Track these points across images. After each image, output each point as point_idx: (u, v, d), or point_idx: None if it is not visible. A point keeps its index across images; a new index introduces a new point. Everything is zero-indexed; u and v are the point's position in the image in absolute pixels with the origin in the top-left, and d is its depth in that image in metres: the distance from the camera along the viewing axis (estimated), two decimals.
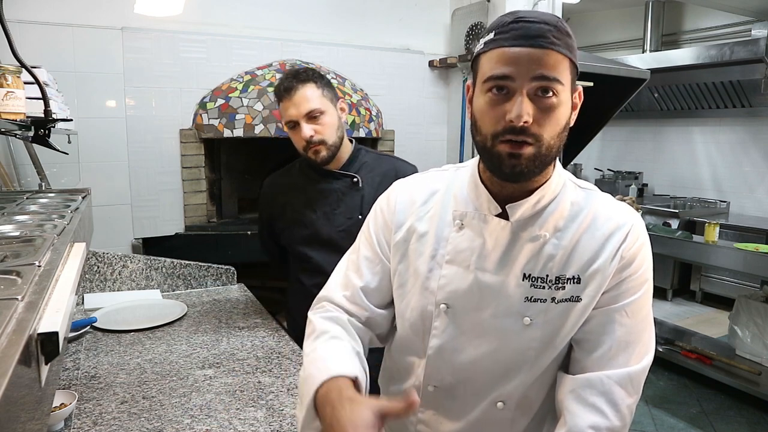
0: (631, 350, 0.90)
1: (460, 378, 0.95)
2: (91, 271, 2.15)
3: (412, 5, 3.25)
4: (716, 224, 3.19)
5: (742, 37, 4.77)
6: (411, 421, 1.02)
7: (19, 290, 0.58)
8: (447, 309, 0.94)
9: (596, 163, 6.25)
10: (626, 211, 0.94)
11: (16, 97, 1.14)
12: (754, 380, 3.08)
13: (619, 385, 0.88)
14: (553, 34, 0.81)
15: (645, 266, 0.91)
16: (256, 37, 2.78)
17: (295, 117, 1.54)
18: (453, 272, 0.93)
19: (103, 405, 1.25)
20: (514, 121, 0.80)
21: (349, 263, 1.08)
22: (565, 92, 0.84)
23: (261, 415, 1.22)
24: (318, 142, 1.55)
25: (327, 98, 1.58)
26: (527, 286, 0.90)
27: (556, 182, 0.93)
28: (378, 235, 1.04)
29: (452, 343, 0.94)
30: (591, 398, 0.88)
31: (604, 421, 0.86)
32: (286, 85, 1.55)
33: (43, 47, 2.29)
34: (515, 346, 0.91)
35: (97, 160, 2.45)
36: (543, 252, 0.90)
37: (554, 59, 0.81)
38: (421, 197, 1.01)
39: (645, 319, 0.92)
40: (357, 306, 1.02)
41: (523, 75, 0.80)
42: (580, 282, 0.89)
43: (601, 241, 0.90)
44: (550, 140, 0.84)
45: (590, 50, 5.50)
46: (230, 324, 1.81)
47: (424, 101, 3.28)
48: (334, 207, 1.63)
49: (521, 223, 0.91)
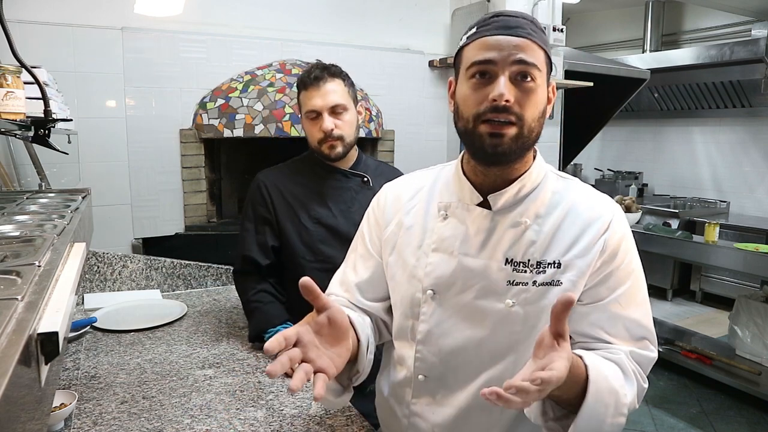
0: (630, 338, 0.92)
1: (449, 366, 0.98)
2: (91, 271, 2.15)
3: (412, 5, 3.25)
4: (716, 224, 3.19)
5: (742, 37, 4.77)
6: (404, 414, 1.05)
7: (19, 290, 0.58)
8: (433, 294, 0.98)
9: (596, 163, 6.25)
10: (607, 202, 0.98)
11: (16, 97, 1.14)
12: (754, 380, 3.08)
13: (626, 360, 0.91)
14: (531, 27, 0.89)
15: (629, 257, 0.94)
16: (256, 37, 2.77)
17: (320, 107, 1.53)
18: (438, 259, 0.98)
19: (103, 405, 1.25)
20: (497, 99, 0.86)
21: (348, 262, 1.16)
22: (542, 79, 0.90)
23: (261, 415, 1.22)
24: (337, 136, 1.55)
25: (351, 97, 1.59)
26: (509, 270, 0.93)
27: (536, 172, 0.97)
28: (370, 233, 1.12)
29: (439, 328, 0.98)
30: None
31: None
32: (316, 74, 1.54)
33: (43, 47, 2.29)
34: (500, 329, 0.94)
35: (97, 160, 2.45)
36: (524, 238, 0.93)
37: (532, 48, 0.88)
38: (407, 194, 1.08)
39: (641, 306, 0.94)
40: (354, 300, 1.10)
41: (504, 59, 0.87)
42: (561, 267, 0.92)
43: (582, 227, 0.93)
44: (531, 122, 0.89)
45: (590, 50, 5.49)
46: (230, 324, 1.81)
47: (424, 101, 3.28)
48: (350, 204, 1.62)
49: (503, 211, 0.95)
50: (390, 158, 3.16)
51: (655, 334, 0.95)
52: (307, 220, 1.61)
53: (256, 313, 1.60)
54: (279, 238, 1.64)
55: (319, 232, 1.60)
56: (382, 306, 1.10)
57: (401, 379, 1.05)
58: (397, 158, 3.16)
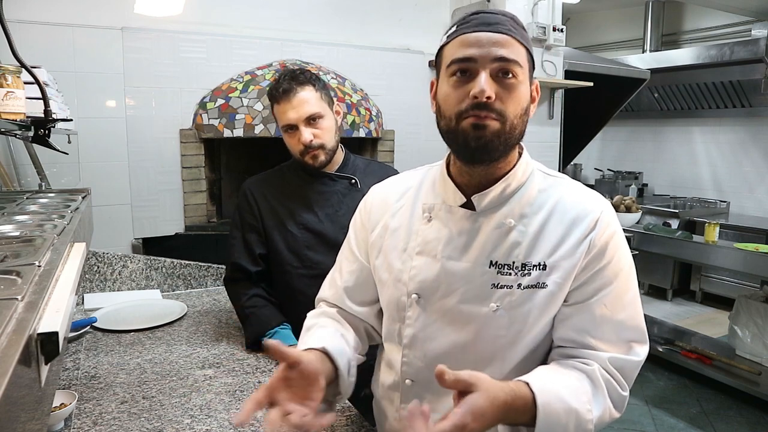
0: (614, 341, 0.90)
1: (434, 370, 0.97)
2: (91, 271, 2.15)
3: (412, 5, 3.25)
4: (716, 224, 3.19)
5: (742, 37, 4.78)
6: (395, 416, 1.05)
7: (19, 290, 0.58)
8: (418, 299, 0.97)
9: (596, 163, 6.25)
10: (595, 197, 0.95)
11: (16, 97, 1.14)
12: (754, 380, 3.08)
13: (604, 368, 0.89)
14: (511, 24, 0.89)
15: (618, 255, 0.91)
16: (256, 37, 2.77)
17: (294, 121, 1.51)
18: (422, 263, 0.96)
19: (103, 405, 1.25)
20: (478, 96, 0.84)
21: (336, 264, 1.16)
22: (524, 76, 0.88)
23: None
24: (317, 146, 1.52)
25: (325, 101, 1.55)
26: (494, 273, 0.91)
27: (522, 171, 0.95)
28: (357, 236, 1.11)
29: (425, 332, 0.97)
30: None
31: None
32: (285, 87, 1.51)
33: (43, 47, 2.29)
34: (485, 333, 0.92)
35: (97, 160, 2.45)
36: (508, 239, 0.91)
37: (512, 44, 0.87)
38: (394, 196, 1.06)
39: (627, 308, 0.91)
40: (342, 305, 1.11)
41: (484, 56, 0.85)
42: (546, 268, 0.90)
43: (568, 226, 0.91)
44: (513, 118, 0.87)
45: (590, 50, 5.49)
46: (230, 324, 1.81)
47: (424, 101, 3.23)
48: (336, 208, 1.60)
49: (487, 212, 0.93)
50: (390, 158, 3.16)
51: (645, 334, 0.92)
52: (294, 226, 1.59)
53: (251, 318, 1.58)
54: (266, 246, 1.63)
55: (305, 237, 1.58)
56: (370, 310, 1.09)
57: (390, 383, 1.04)
58: (397, 158, 3.16)
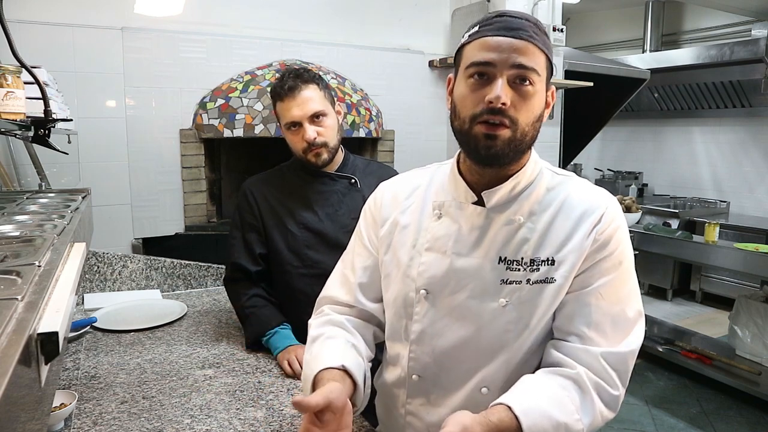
0: (608, 332, 0.90)
1: (442, 365, 0.98)
2: (91, 271, 2.15)
3: (412, 5, 3.25)
4: (716, 224, 3.19)
5: (742, 37, 4.78)
6: (400, 413, 1.05)
7: (19, 290, 0.58)
8: (427, 294, 0.98)
9: (596, 163, 6.25)
10: (602, 194, 0.97)
11: (16, 97, 1.14)
12: (754, 380, 3.08)
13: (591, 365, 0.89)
14: (533, 30, 0.88)
15: (620, 248, 0.93)
16: (256, 37, 2.77)
17: (299, 118, 1.51)
18: (431, 259, 0.98)
19: (103, 405, 1.25)
20: (493, 101, 0.85)
21: (345, 262, 1.15)
22: (541, 84, 0.89)
23: (261, 415, 1.22)
24: (320, 144, 1.53)
25: (328, 100, 1.56)
26: (503, 269, 0.93)
27: (531, 169, 0.97)
28: (368, 231, 1.11)
29: (433, 328, 0.98)
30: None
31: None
32: (290, 85, 1.51)
33: (43, 47, 2.29)
34: (493, 328, 0.93)
35: (97, 160, 2.45)
36: (517, 236, 0.93)
37: (532, 51, 0.87)
38: (404, 193, 1.08)
39: (623, 301, 0.92)
40: (355, 301, 1.10)
41: (503, 62, 0.86)
42: (554, 263, 0.91)
43: (575, 222, 0.92)
44: (525, 126, 0.88)
45: (590, 50, 5.49)
46: (230, 324, 1.81)
47: (424, 101, 3.28)
48: (337, 208, 1.60)
49: (496, 209, 0.95)
50: (390, 158, 3.16)
51: (641, 327, 0.92)
52: (294, 225, 1.59)
53: (251, 318, 1.58)
54: (266, 245, 1.63)
55: (305, 237, 1.58)
56: (382, 306, 1.10)
57: (395, 379, 1.05)
58: (397, 158, 3.16)
